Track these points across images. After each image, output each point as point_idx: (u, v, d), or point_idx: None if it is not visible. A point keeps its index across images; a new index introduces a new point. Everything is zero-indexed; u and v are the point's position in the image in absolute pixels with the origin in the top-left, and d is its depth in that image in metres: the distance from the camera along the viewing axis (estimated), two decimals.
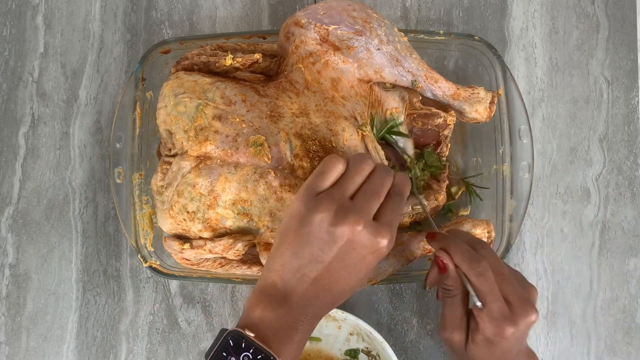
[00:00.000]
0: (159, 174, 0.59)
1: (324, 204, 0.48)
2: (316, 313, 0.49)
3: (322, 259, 0.48)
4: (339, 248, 0.47)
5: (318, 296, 0.49)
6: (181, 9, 0.72)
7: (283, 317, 0.48)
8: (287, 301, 0.48)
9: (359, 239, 0.48)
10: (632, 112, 0.72)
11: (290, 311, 0.48)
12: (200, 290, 0.70)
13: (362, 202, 0.49)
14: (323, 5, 0.59)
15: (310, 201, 0.48)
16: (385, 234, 0.48)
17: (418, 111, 0.62)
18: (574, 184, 0.71)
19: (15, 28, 0.72)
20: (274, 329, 0.47)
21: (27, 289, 0.70)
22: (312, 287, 0.48)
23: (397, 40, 0.60)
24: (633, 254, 0.71)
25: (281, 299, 0.48)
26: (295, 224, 0.49)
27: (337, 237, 0.47)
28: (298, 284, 0.48)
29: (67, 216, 0.70)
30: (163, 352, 0.69)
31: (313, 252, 0.48)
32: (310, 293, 0.48)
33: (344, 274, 0.49)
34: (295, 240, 0.48)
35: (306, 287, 0.48)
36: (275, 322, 0.47)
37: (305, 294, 0.48)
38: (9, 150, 0.70)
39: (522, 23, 0.72)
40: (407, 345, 0.69)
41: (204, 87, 0.58)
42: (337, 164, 0.50)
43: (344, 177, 0.50)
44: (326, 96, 0.59)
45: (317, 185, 0.49)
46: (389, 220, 0.50)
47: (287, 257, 0.49)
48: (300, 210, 0.49)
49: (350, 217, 0.47)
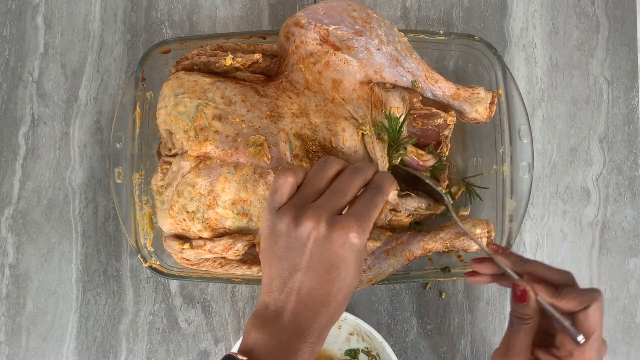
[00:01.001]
0: (159, 174, 0.59)
1: (285, 213, 0.48)
2: (313, 331, 0.47)
3: (299, 266, 0.47)
4: (309, 250, 0.47)
5: (308, 308, 0.47)
6: (181, 9, 0.72)
7: (276, 338, 0.46)
8: (279, 321, 0.47)
9: (325, 234, 0.46)
10: (632, 112, 0.72)
11: (283, 331, 0.46)
12: (200, 290, 0.70)
13: (323, 201, 0.48)
14: (323, 5, 0.59)
15: (272, 217, 0.48)
16: (351, 225, 0.46)
17: (418, 111, 0.62)
18: (574, 184, 0.71)
19: (15, 28, 0.72)
20: (268, 351, 0.46)
21: (27, 289, 0.70)
22: (300, 301, 0.47)
23: (397, 41, 0.60)
24: (633, 254, 0.71)
25: (273, 320, 0.47)
26: (269, 243, 0.49)
27: (302, 237, 0.47)
28: (287, 299, 0.47)
29: (67, 216, 0.70)
30: (163, 352, 0.69)
31: (290, 262, 0.47)
32: (300, 307, 0.47)
33: (326, 277, 0.47)
34: (273, 258, 0.48)
35: (294, 301, 0.47)
36: (269, 343, 0.46)
37: (295, 309, 0.47)
38: (9, 150, 0.70)
39: (522, 23, 0.72)
40: (407, 345, 0.69)
41: (204, 87, 0.58)
42: (287, 177, 0.49)
43: (302, 185, 0.50)
44: (326, 97, 0.59)
45: (274, 203, 0.49)
46: (357, 211, 0.48)
47: (272, 277, 0.48)
48: (267, 228, 0.49)
49: (309, 214, 0.47)
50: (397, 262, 0.60)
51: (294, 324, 0.46)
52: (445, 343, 0.70)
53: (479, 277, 0.56)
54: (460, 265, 0.65)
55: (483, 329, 0.70)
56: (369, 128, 0.59)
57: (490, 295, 0.70)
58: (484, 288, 0.70)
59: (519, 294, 0.50)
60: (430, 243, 0.61)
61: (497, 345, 0.53)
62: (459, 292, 0.70)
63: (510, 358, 0.50)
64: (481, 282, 0.57)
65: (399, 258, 0.60)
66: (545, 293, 0.49)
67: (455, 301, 0.70)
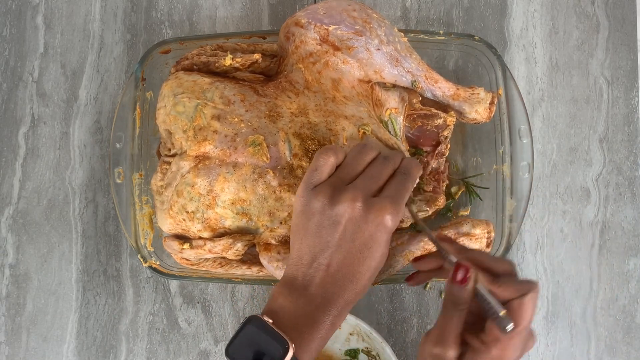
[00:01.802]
0: (158, 174, 0.60)
1: (321, 192, 0.49)
2: (338, 304, 0.49)
3: (331, 244, 0.49)
4: (343, 228, 0.48)
5: (337, 284, 0.49)
6: (181, 9, 0.72)
7: (302, 308, 0.48)
8: (307, 292, 0.48)
9: (360, 214, 0.48)
10: (632, 112, 0.72)
11: (310, 302, 0.48)
12: (200, 290, 0.70)
13: (359, 183, 0.50)
14: (323, 5, 0.59)
15: (308, 195, 0.50)
16: (386, 206, 0.49)
17: (418, 111, 0.62)
18: (574, 184, 0.71)
19: (15, 28, 0.72)
20: (293, 319, 0.47)
21: (27, 289, 0.70)
22: (329, 276, 0.49)
23: (397, 41, 0.60)
24: (633, 254, 0.71)
25: (301, 290, 0.49)
26: (301, 220, 0.50)
27: (337, 216, 0.48)
28: (315, 274, 0.49)
29: (67, 216, 0.70)
30: (163, 352, 0.69)
31: (322, 239, 0.49)
32: (328, 282, 0.49)
33: (357, 255, 0.49)
34: (304, 234, 0.50)
35: (323, 276, 0.48)
36: (294, 310, 0.48)
37: (323, 283, 0.48)
38: (9, 150, 0.71)
39: (522, 23, 0.72)
40: (407, 345, 0.69)
41: (203, 87, 0.58)
42: (329, 157, 0.51)
43: (341, 166, 0.51)
44: (327, 96, 0.59)
45: (313, 181, 0.50)
46: (391, 193, 0.50)
47: (302, 252, 0.50)
48: (302, 205, 0.50)
49: (346, 195, 0.48)
50: (397, 262, 0.60)
51: (321, 297, 0.48)
52: None
53: (420, 276, 0.57)
54: None
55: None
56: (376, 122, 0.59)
57: None
58: None
59: (460, 276, 0.49)
60: (430, 243, 0.61)
61: None
62: None
63: (443, 344, 0.49)
64: (421, 282, 0.58)
65: (399, 258, 0.60)
66: (484, 279, 0.49)
67: None
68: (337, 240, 0.49)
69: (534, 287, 0.48)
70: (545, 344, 0.70)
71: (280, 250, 0.58)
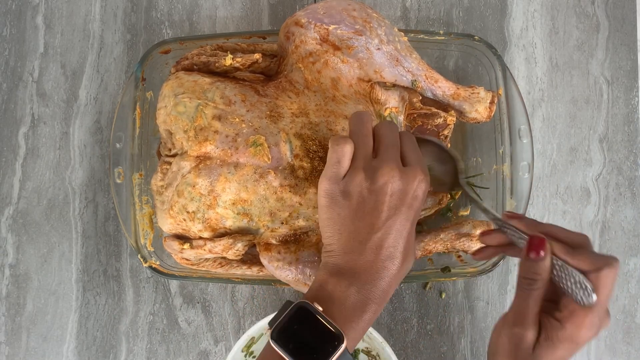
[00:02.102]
0: (159, 174, 0.59)
1: (355, 177, 0.48)
2: (385, 288, 0.47)
3: (378, 224, 0.48)
4: (388, 205, 0.48)
5: (386, 267, 0.47)
6: (181, 9, 0.72)
7: (352, 296, 0.46)
8: (356, 279, 0.47)
9: (400, 186, 0.48)
10: (632, 112, 0.72)
11: (360, 289, 0.47)
12: (200, 290, 0.70)
13: (385, 155, 0.49)
14: (323, 5, 0.59)
15: (338, 186, 0.49)
16: (419, 171, 0.49)
17: (418, 111, 0.62)
18: (574, 184, 0.71)
19: (15, 28, 0.72)
20: (343, 308, 0.46)
21: (27, 289, 0.70)
22: (378, 259, 0.47)
23: (397, 40, 0.60)
24: (633, 254, 0.71)
25: (350, 278, 0.47)
26: (335, 211, 0.49)
27: (380, 194, 0.48)
28: (364, 259, 0.47)
29: (67, 216, 0.70)
30: (163, 352, 0.69)
31: (367, 222, 0.48)
32: (378, 265, 0.47)
33: (401, 230, 0.48)
34: (343, 223, 0.48)
35: (372, 260, 0.47)
36: (344, 300, 0.46)
37: (373, 268, 0.47)
38: (9, 150, 0.70)
39: (522, 23, 0.72)
40: (407, 345, 0.69)
41: (203, 87, 0.58)
42: (345, 146, 0.50)
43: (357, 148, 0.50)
44: (327, 95, 0.59)
45: (339, 172, 0.49)
46: (415, 159, 0.50)
47: (343, 241, 0.48)
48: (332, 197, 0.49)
49: (382, 170, 0.48)
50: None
51: (370, 284, 0.47)
52: (445, 343, 0.70)
53: (487, 250, 0.55)
54: (461, 266, 0.65)
55: (483, 329, 0.70)
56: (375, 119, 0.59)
57: (490, 295, 0.70)
58: (483, 288, 0.70)
59: (535, 248, 0.47)
60: (431, 244, 0.61)
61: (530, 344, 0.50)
62: (459, 292, 0.70)
63: (522, 324, 0.47)
64: (489, 257, 0.56)
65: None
66: (559, 250, 0.47)
67: (455, 301, 0.70)
68: (384, 218, 0.47)
69: (613, 262, 0.46)
70: None
71: (280, 250, 0.58)
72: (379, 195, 0.48)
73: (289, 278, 0.57)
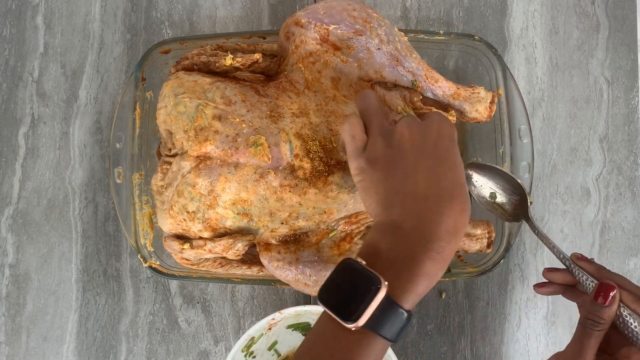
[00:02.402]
0: (159, 174, 0.59)
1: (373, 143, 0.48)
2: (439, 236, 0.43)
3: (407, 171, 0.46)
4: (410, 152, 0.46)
5: (431, 210, 0.43)
6: (181, 9, 0.72)
7: (398, 247, 0.43)
8: (401, 229, 0.43)
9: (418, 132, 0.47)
10: (632, 112, 0.72)
11: (405, 238, 0.43)
12: (200, 290, 0.70)
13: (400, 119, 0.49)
14: (323, 5, 0.59)
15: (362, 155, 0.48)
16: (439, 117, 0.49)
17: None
18: (574, 184, 0.71)
19: (15, 28, 0.72)
20: (388, 259, 0.42)
21: (27, 289, 0.70)
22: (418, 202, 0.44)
23: (397, 40, 0.60)
24: (633, 254, 0.71)
25: (394, 229, 0.44)
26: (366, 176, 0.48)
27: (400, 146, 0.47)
28: (403, 207, 0.44)
29: (67, 216, 0.70)
30: (163, 352, 0.69)
31: (397, 175, 0.46)
32: (421, 210, 0.44)
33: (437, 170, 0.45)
34: (376, 184, 0.47)
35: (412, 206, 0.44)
36: (389, 251, 0.43)
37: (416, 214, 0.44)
38: (9, 150, 0.70)
39: (522, 23, 0.72)
40: (407, 345, 0.69)
41: (203, 87, 0.58)
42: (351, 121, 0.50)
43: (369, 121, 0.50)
44: (327, 95, 0.59)
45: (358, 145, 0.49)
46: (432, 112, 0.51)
47: (380, 200, 0.46)
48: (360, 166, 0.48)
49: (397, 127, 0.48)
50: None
51: (417, 230, 0.43)
52: (445, 343, 0.70)
53: (550, 287, 0.56)
54: (461, 266, 0.65)
55: (483, 329, 0.70)
56: None
57: (490, 295, 0.70)
58: (483, 288, 0.70)
59: (604, 293, 0.49)
60: None
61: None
62: (459, 292, 0.70)
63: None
64: (549, 294, 0.57)
65: None
66: (628, 299, 0.49)
67: (455, 301, 0.70)
68: (412, 165, 0.46)
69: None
70: (545, 344, 0.70)
71: (280, 250, 0.58)
72: (400, 147, 0.47)
73: (288, 278, 0.57)
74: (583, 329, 0.50)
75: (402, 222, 0.44)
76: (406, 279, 0.42)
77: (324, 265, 0.57)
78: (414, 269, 0.42)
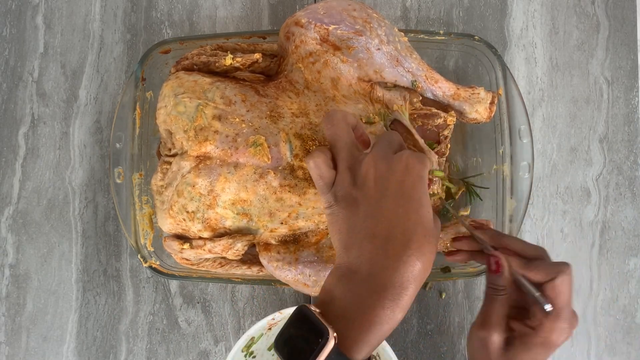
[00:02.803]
0: (158, 174, 0.59)
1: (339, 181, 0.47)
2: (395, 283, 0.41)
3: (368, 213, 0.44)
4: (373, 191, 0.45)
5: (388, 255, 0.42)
6: (181, 9, 0.72)
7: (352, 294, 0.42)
8: (356, 276, 0.42)
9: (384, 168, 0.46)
10: (632, 112, 0.72)
11: (360, 285, 0.42)
12: (200, 290, 0.70)
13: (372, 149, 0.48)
14: (323, 5, 0.59)
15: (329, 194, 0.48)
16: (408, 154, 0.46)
17: (418, 111, 0.62)
18: (574, 184, 0.71)
19: (15, 28, 0.72)
20: (342, 307, 0.41)
21: (27, 289, 0.70)
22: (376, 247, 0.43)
23: (397, 40, 0.60)
24: (633, 254, 0.71)
25: (349, 275, 0.43)
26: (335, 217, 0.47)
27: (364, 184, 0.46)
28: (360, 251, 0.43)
29: (67, 216, 0.70)
30: (163, 352, 0.69)
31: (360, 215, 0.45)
32: (378, 256, 0.42)
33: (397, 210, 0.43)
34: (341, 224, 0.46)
35: (370, 250, 0.43)
36: (343, 299, 0.42)
37: (372, 260, 0.42)
38: (9, 150, 0.70)
39: (522, 23, 0.72)
40: (407, 345, 0.69)
41: (203, 87, 0.58)
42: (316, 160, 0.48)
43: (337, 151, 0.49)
44: (327, 95, 0.59)
45: (327, 183, 0.48)
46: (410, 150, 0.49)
47: (342, 240, 0.45)
48: (329, 204, 0.47)
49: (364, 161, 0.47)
50: None
51: (372, 277, 0.42)
52: (445, 343, 0.70)
53: (458, 254, 0.59)
54: (461, 266, 0.65)
55: None
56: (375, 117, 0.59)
57: None
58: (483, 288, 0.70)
59: (494, 265, 0.52)
60: None
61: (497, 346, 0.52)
62: (459, 292, 0.70)
63: (487, 328, 0.51)
64: (459, 260, 0.60)
65: None
66: (517, 265, 0.52)
67: (455, 301, 0.70)
68: (374, 205, 0.44)
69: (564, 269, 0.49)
70: None
71: (280, 250, 0.58)
72: (364, 186, 0.46)
73: (288, 278, 0.58)
74: (486, 296, 0.53)
75: (358, 267, 0.43)
76: (358, 329, 0.41)
77: (323, 266, 0.57)
78: (365, 319, 0.41)
